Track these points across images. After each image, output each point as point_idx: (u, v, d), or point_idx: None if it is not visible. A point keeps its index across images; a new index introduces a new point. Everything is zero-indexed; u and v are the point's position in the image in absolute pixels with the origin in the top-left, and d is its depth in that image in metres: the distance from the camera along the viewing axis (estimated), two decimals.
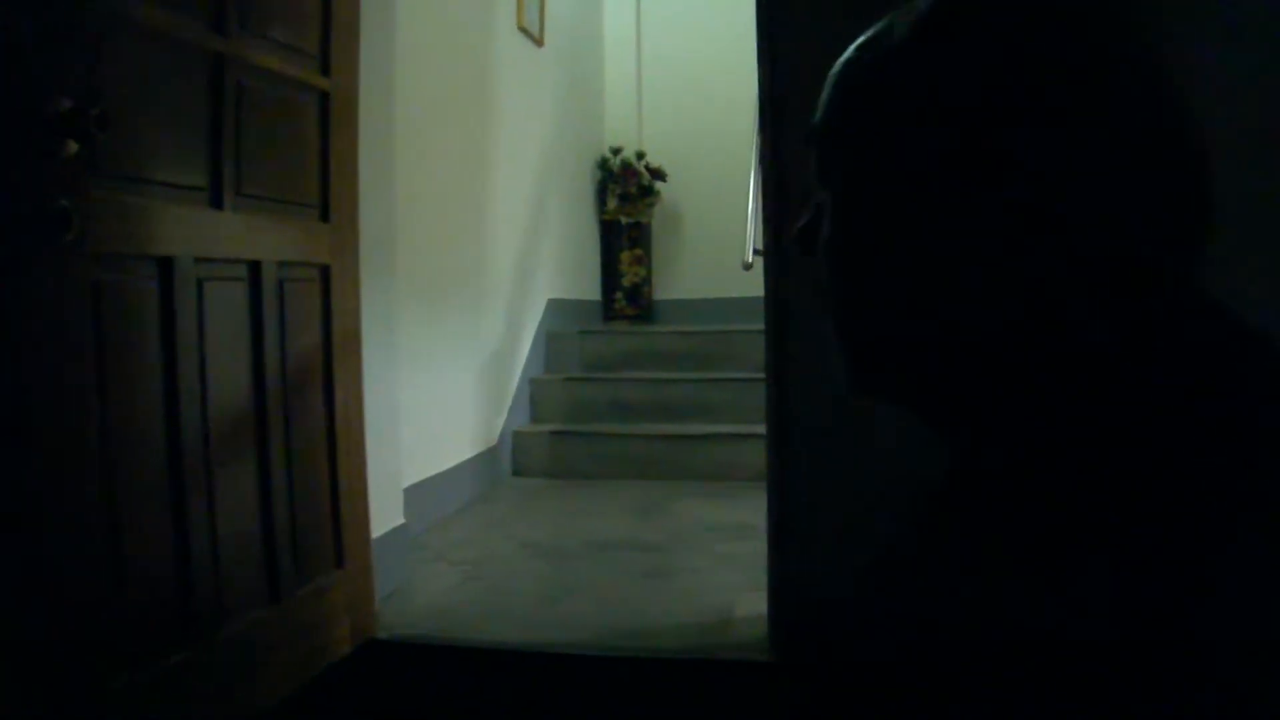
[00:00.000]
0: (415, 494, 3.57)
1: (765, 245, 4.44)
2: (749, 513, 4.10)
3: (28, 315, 1.77)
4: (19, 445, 1.76)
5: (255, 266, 2.38)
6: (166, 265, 2.09)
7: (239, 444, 2.36)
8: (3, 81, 1.73)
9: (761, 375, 5.12)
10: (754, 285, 6.11)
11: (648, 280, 7.16)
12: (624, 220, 7.05)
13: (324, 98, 2.68)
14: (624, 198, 7.00)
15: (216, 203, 2.26)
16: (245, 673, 2.36)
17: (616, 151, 7.01)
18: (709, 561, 3.59)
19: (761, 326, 5.44)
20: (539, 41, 5.73)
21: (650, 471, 5.08)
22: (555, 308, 5.98)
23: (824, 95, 0.80)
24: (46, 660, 1.80)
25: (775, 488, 2.69)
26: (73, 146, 1.81)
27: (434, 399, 4.16)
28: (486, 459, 4.91)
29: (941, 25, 0.72)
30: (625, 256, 7.07)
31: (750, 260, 4.92)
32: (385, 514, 3.16)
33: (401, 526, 3.37)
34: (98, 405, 1.92)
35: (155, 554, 2.09)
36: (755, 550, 3.50)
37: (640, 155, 7.01)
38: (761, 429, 4.83)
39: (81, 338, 1.88)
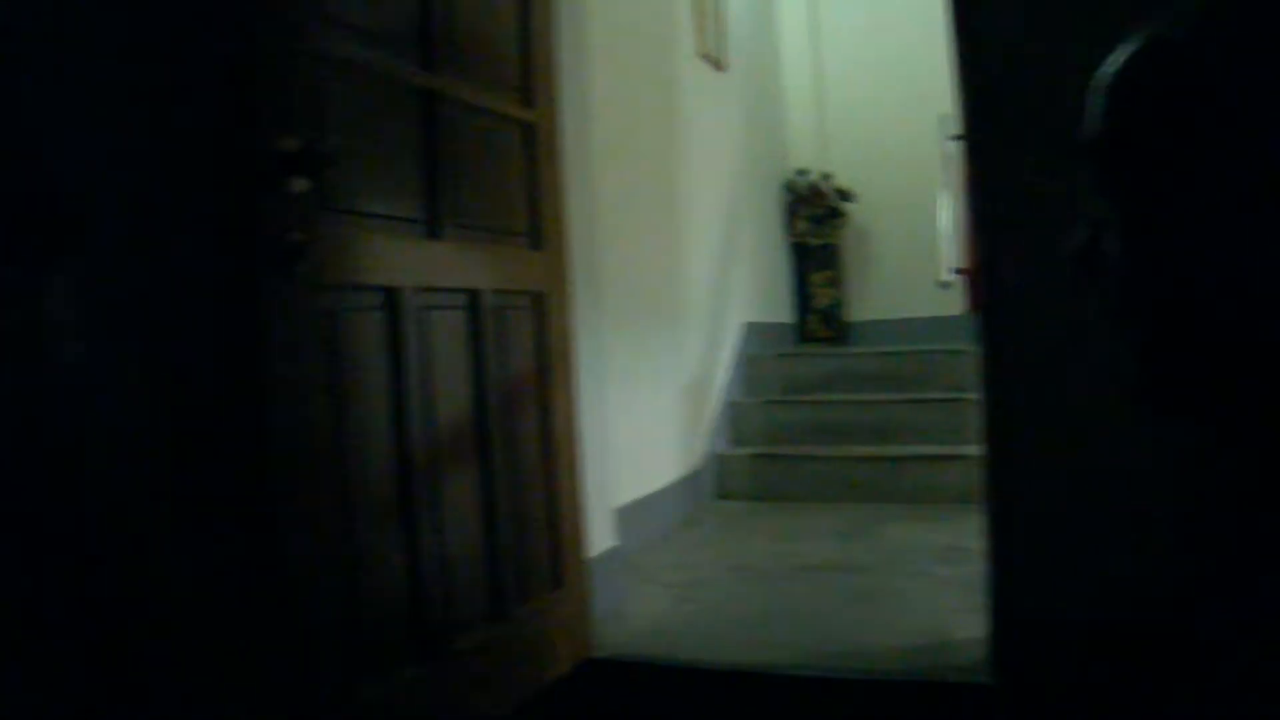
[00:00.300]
0: (624, 516, 3.60)
1: (973, 260, 4.37)
2: (956, 535, 4.03)
3: (266, 342, 1.85)
4: (261, 469, 1.84)
5: (474, 295, 2.45)
6: (392, 295, 2.17)
7: (463, 464, 2.42)
8: (235, 125, 1.82)
9: (962, 395, 5.10)
10: (947, 304, 6.11)
11: (840, 302, 7.10)
12: (813, 242, 7.01)
13: (528, 129, 2.74)
14: (813, 220, 6.97)
15: (435, 234, 2.34)
16: (473, 688, 2.41)
17: (803, 173, 6.98)
18: (920, 584, 3.52)
19: (959, 346, 5.40)
20: (720, 66, 5.74)
21: (853, 493, 5.01)
22: (751, 331, 5.98)
23: (1098, 105, 0.77)
24: (306, 669, 1.89)
25: (995, 508, 2.61)
26: (301, 184, 1.90)
27: (639, 422, 4.20)
28: (690, 482, 4.92)
29: (1226, 20, 0.69)
30: (817, 278, 7.03)
31: (947, 278, 4.83)
32: (599, 535, 3.19)
33: (615, 548, 3.40)
34: (332, 428, 2.00)
35: (389, 571, 2.16)
36: (967, 573, 3.42)
37: (827, 176, 6.96)
38: (965, 450, 4.80)
39: (315, 363, 1.96)
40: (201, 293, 1.81)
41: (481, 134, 2.55)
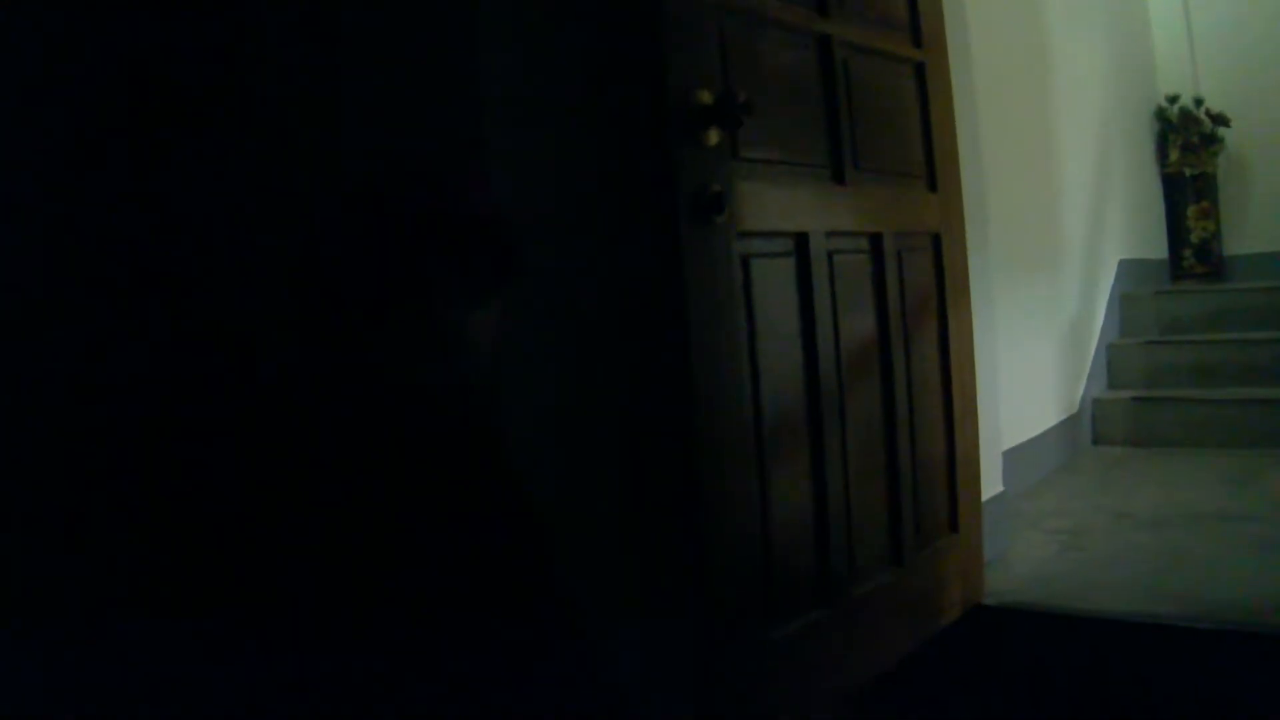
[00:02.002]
0: (1007, 460, 3.54)
1: None
2: None
3: (689, 287, 1.91)
4: (683, 405, 1.91)
5: (876, 238, 2.46)
6: (802, 240, 2.20)
7: (865, 407, 2.44)
8: (649, 82, 1.88)
9: None
10: None
11: (1217, 235, 6.66)
12: (1188, 172, 6.59)
13: (919, 69, 2.72)
14: (1186, 148, 6.56)
15: (838, 178, 2.35)
16: (872, 632, 2.44)
17: (1173, 100, 6.57)
18: None
19: None
20: None
21: (1239, 438, 4.72)
22: (1125, 269, 5.71)
23: None
24: (720, 615, 1.96)
25: None
26: (714, 136, 1.94)
27: (1020, 365, 4.10)
28: (1068, 426, 4.78)
29: None
30: (1191, 211, 6.63)
31: None
32: (989, 479, 3.16)
33: (1002, 493, 3.35)
34: (749, 369, 2.06)
35: (796, 513, 2.21)
36: None
37: (1199, 101, 6.52)
38: None
39: (735, 307, 2.02)
40: (630, 247, 1.89)
41: (876, 76, 2.54)
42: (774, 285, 2.14)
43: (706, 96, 1.93)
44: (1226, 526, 3.49)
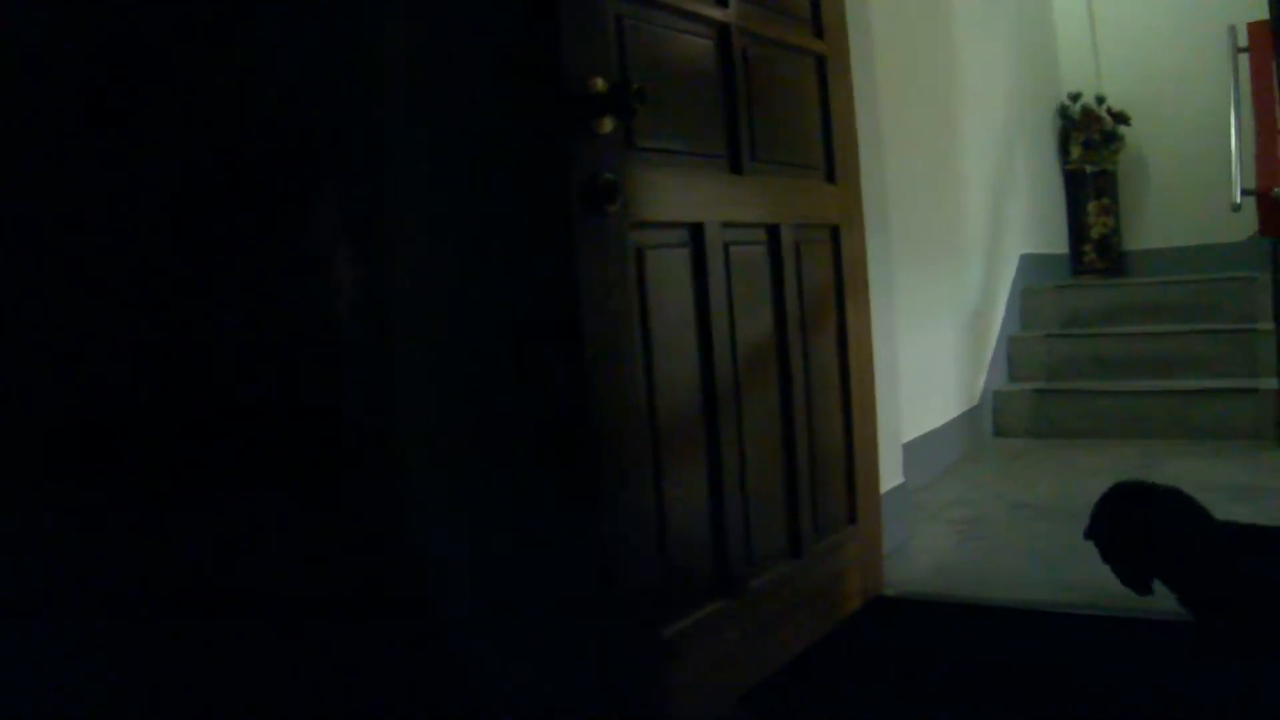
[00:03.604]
0: (908, 452, 3.56)
1: (1267, 179, 4.12)
2: (1250, 472, 3.86)
3: (581, 279, 1.87)
4: (578, 402, 1.88)
5: (774, 230, 2.45)
6: (697, 231, 2.19)
7: (762, 399, 2.43)
8: (543, 69, 1.85)
9: (1253, 325, 4.84)
10: (1229, 230, 5.79)
11: (1116, 230, 6.80)
12: (1088, 169, 6.73)
13: (820, 61, 2.71)
14: (1087, 145, 6.68)
15: (736, 169, 2.34)
16: (772, 624, 2.43)
17: (1075, 98, 6.70)
18: None
19: (1248, 274, 5.13)
20: None
21: (1137, 430, 4.83)
22: (1027, 263, 5.80)
23: None
24: (609, 612, 1.93)
25: None
26: (608, 124, 1.92)
27: (921, 358, 4.14)
28: (969, 418, 4.85)
29: None
30: (1092, 207, 6.75)
31: (1239, 201, 4.57)
32: (888, 471, 3.17)
33: (902, 485, 3.38)
34: (643, 362, 2.03)
35: (692, 507, 2.19)
36: (1266, 510, 3.29)
37: (1100, 99, 6.66)
38: (1258, 383, 4.56)
39: (628, 298, 1.98)
40: (516, 235, 1.86)
41: (776, 67, 2.54)
42: (669, 277, 2.12)
43: (601, 84, 1.90)
44: None
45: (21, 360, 1.50)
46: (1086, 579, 2.88)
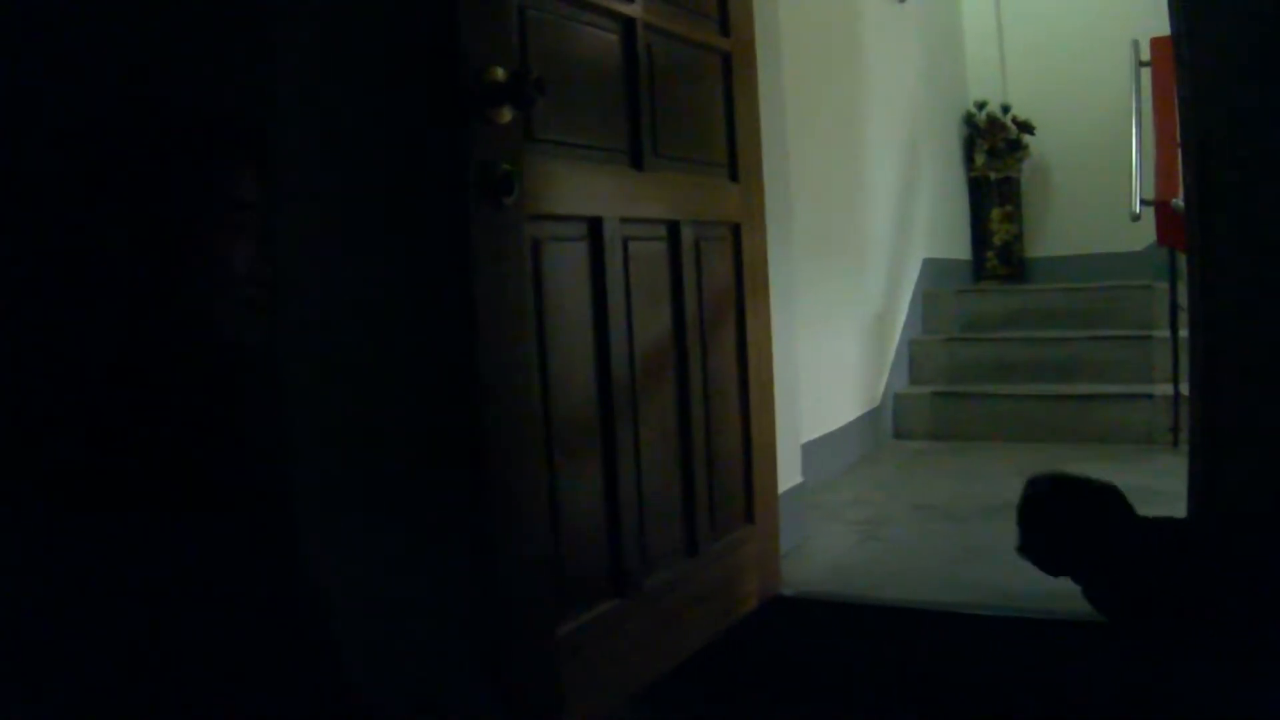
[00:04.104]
0: (807, 452, 3.58)
1: (1163, 191, 4.19)
2: (1144, 475, 3.90)
3: (476, 271, 1.83)
4: (472, 398, 1.85)
5: (674, 226, 2.43)
6: (595, 225, 2.16)
7: (660, 396, 2.41)
8: (441, 55, 1.82)
9: (1149, 332, 4.93)
10: (1128, 239, 5.91)
11: (1019, 238, 6.91)
12: (993, 176, 6.82)
13: (726, 58, 2.71)
14: (991, 153, 6.78)
15: (637, 164, 2.32)
16: (668, 623, 2.41)
17: (981, 106, 6.79)
18: None
19: (1146, 282, 5.23)
20: None
21: (1036, 433, 4.90)
22: (929, 267, 5.85)
23: None
24: (506, 612, 1.90)
25: (1201, 449, 2.50)
26: (506, 114, 1.89)
27: (822, 359, 4.16)
28: (870, 420, 4.88)
29: None
30: (995, 214, 6.84)
31: (1139, 210, 4.66)
32: (787, 471, 3.18)
33: (801, 485, 3.38)
34: (539, 359, 2.00)
35: (588, 504, 2.17)
36: (1167, 512, 3.33)
37: (1006, 108, 6.77)
38: (1153, 389, 4.65)
39: (522, 292, 1.95)
40: (411, 226, 1.83)
41: (681, 63, 2.52)
42: (566, 272, 2.09)
43: (500, 73, 1.86)
44: None
45: None
46: (986, 579, 2.92)
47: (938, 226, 6.18)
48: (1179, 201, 3.91)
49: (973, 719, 2.52)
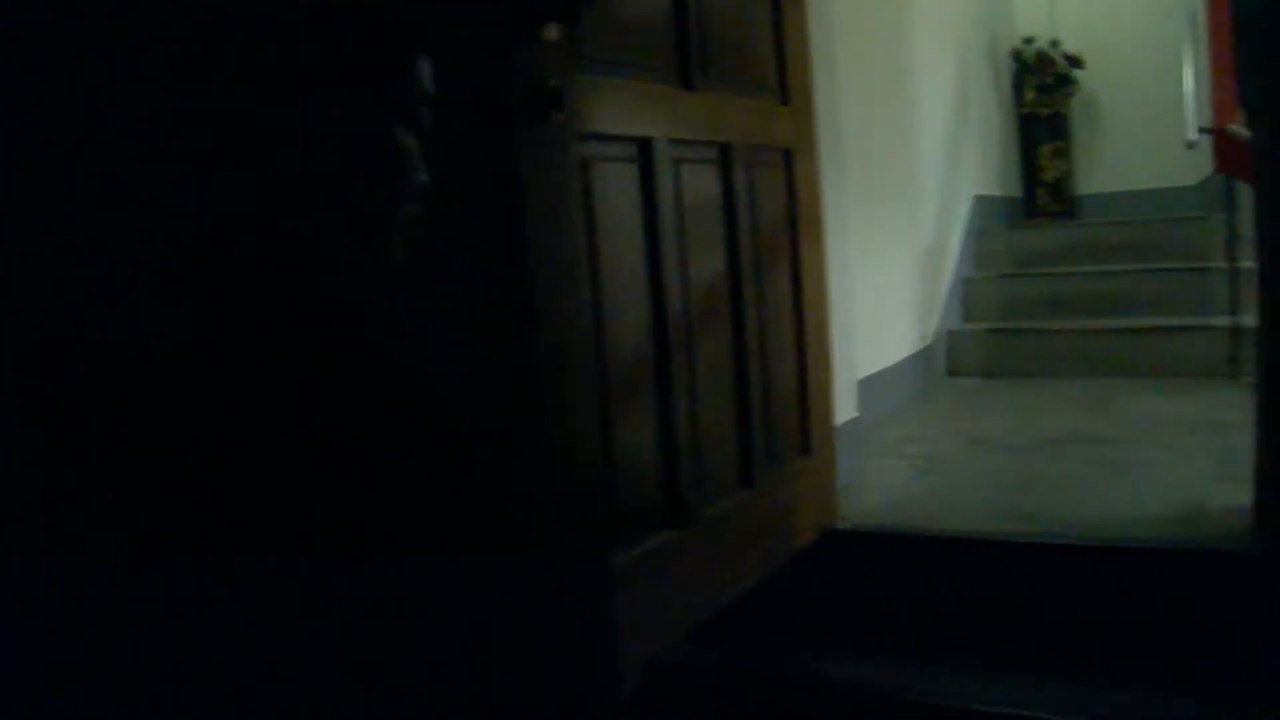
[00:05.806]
0: (863, 388, 3.53)
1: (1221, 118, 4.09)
2: (1204, 407, 3.87)
3: (526, 189, 1.79)
4: (524, 323, 1.82)
5: (725, 149, 2.38)
6: (645, 146, 2.12)
7: (715, 326, 2.38)
8: None
9: (1206, 264, 4.84)
10: (1181, 174, 5.80)
11: (1070, 174, 6.80)
12: (1043, 112, 6.72)
13: None
14: (1041, 89, 6.67)
15: (686, 84, 2.27)
16: (723, 555, 2.39)
17: (1030, 41, 6.67)
18: (1171, 455, 3.35)
19: (1199, 214, 5.14)
20: None
21: (1091, 368, 4.83)
22: (980, 205, 5.78)
23: None
24: (560, 542, 1.87)
25: (1269, 373, 2.44)
26: (553, 31, 1.84)
27: (876, 294, 4.11)
28: (923, 357, 4.82)
29: None
30: (1045, 150, 6.74)
31: (1195, 138, 4.56)
32: (842, 405, 3.14)
33: (856, 419, 3.34)
34: (589, 280, 1.96)
35: (643, 435, 2.14)
36: (1220, 444, 3.29)
37: (1055, 43, 6.64)
38: (1211, 321, 4.56)
39: (573, 212, 1.90)
40: (457, 144, 1.78)
41: None
42: (616, 192, 2.05)
43: None
44: (1078, 449, 3.55)
45: None
46: (1045, 509, 2.89)
47: (988, 163, 6.10)
48: (1236, 127, 3.81)
49: (1034, 648, 2.49)
